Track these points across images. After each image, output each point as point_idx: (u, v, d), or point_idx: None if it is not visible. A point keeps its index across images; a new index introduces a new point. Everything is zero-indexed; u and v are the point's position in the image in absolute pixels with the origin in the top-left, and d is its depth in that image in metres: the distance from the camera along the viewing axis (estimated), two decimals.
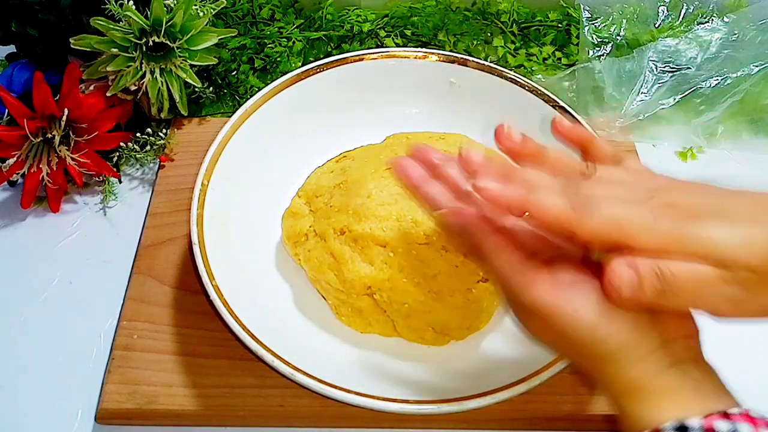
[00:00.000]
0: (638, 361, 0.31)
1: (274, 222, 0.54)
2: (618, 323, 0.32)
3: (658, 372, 0.31)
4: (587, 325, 0.32)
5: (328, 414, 0.46)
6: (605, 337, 0.32)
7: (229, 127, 0.54)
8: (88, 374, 0.49)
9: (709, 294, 0.30)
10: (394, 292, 0.47)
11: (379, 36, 0.70)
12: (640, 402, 0.31)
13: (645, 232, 0.31)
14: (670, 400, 0.31)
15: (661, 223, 0.31)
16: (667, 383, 0.31)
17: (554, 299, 0.33)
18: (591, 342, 0.32)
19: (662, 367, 0.31)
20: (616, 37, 0.68)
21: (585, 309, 0.32)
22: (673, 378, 0.31)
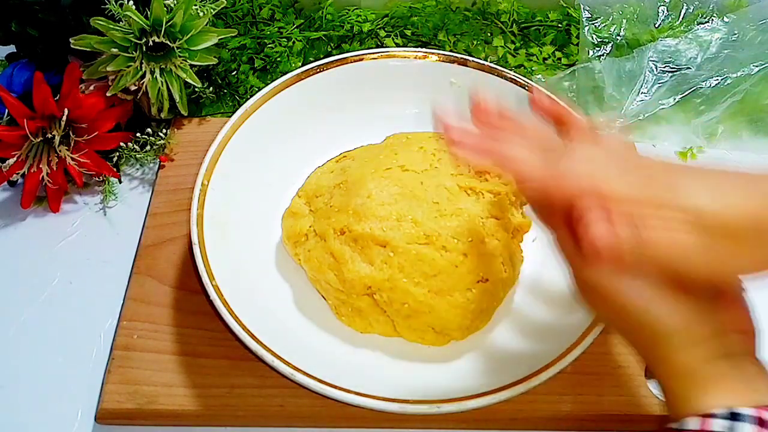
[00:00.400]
0: (692, 345, 0.31)
1: (274, 222, 0.54)
2: (677, 307, 0.32)
3: (711, 359, 0.31)
4: (645, 305, 0.32)
5: (328, 414, 0.46)
6: (662, 317, 0.31)
7: (229, 127, 0.54)
8: (88, 374, 0.49)
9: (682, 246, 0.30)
10: (394, 292, 0.47)
11: (379, 36, 0.70)
12: (691, 386, 0.31)
13: (619, 186, 0.31)
14: (720, 388, 0.31)
15: (636, 181, 0.31)
16: (719, 372, 0.31)
17: (618, 278, 0.32)
18: (648, 322, 0.32)
19: (715, 355, 0.31)
20: (616, 37, 0.68)
21: (647, 289, 0.32)
22: (725, 368, 0.31)
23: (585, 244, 0.31)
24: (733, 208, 0.30)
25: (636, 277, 0.32)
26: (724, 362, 0.31)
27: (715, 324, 0.32)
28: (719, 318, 0.32)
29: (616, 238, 0.30)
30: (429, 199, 0.49)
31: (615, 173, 0.32)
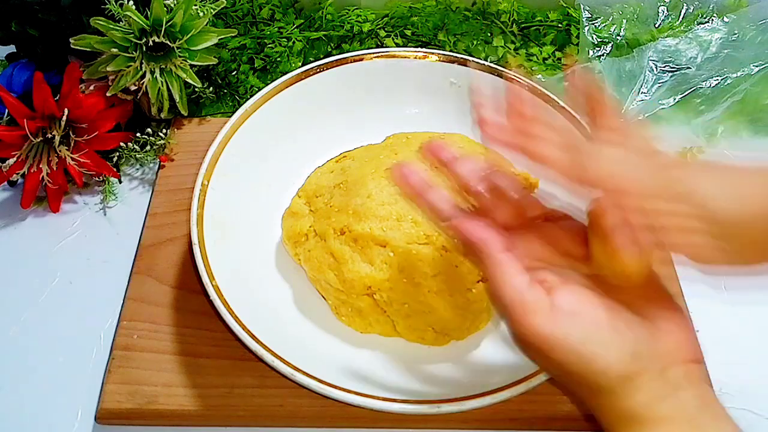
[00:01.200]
0: (636, 391, 0.31)
1: (274, 222, 0.54)
2: (618, 353, 0.31)
3: (655, 402, 0.31)
4: (586, 357, 0.31)
5: (328, 414, 0.46)
6: (605, 369, 0.31)
7: (229, 127, 0.54)
8: (88, 374, 0.49)
9: (697, 245, 0.31)
10: (394, 292, 0.47)
11: (379, 36, 0.70)
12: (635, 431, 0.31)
13: (637, 183, 0.31)
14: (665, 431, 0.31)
15: (655, 177, 0.32)
16: (664, 414, 0.31)
17: (552, 331, 0.32)
18: (589, 373, 0.31)
19: (660, 396, 0.31)
20: (616, 37, 0.68)
21: (584, 341, 0.31)
22: (670, 409, 0.31)
23: (609, 251, 0.32)
24: (749, 205, 0.30)
25: (574, 325, 0.32)
26: (667, 403, 0.31)
27: (660, 360, 0.32)
28: (662, 349, 0.32)
29: (643, 257, 0.31)
30: None
31: (637, 175, 0.32)
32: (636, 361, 0.31)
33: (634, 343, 0.31)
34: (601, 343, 0.31)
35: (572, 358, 0.31)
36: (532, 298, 0.32)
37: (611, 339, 0.31)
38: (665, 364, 0.32)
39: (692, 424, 0.31)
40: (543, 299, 0.32)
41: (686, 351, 0.33)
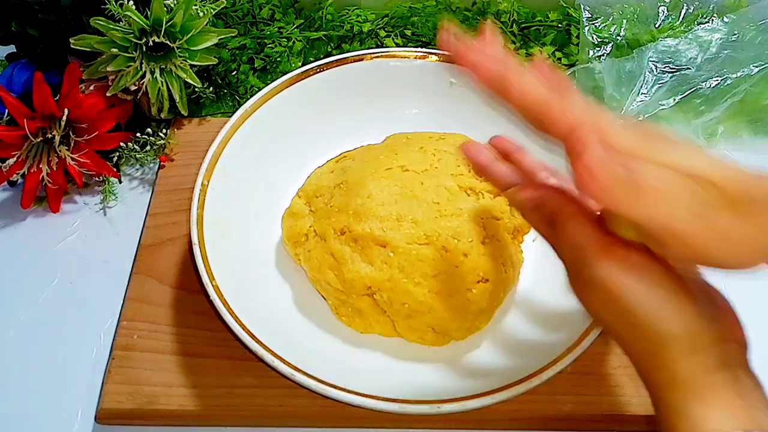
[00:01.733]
0: (693, 353, 0.31)
1: (274, 222, 0.54)
2: (681, 310, 0.31)
3: (711, 369, 0.31)
4: (652, 307, 0.31)
5: (328, 414, 0.46)
6: (668, 319, 0.31)
7: (229, 127, 0.54)
8: (88, 374, 0.49)
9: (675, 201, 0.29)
10: (394, 292, 0.47)
11: (379, 36, 0.70)
12: (688, 397, 0.31)
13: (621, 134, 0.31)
14: (718, 402, 0.30)
15: (639, 135, 0.31)
16: (718, 382, 0.30)
17: (625, 276, 0.31)
18: (652, 323, 0.31)
19: (715, 365, 0.31)
20: (616, 37, 0.68)
21: (653, 291, 0.31)
22: (724, 379, 0.31)
23: (580, 166, 0.30)
24: (733, 177, 0.31)
25: (643, 276, 0.31)
26: (722, 373, 0.31)
27: (715, 332, 0.31)
28: (720, 327, 0.32)
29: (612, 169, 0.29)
30: (429, 200, 0.49)
31: (619, 125, 0.31)
32: (699, 321, 0.31)
33: (697, 307, 0.31)
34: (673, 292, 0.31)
35: (642, 304, 0.31)
36: (608, 243, 0.32)
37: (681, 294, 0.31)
38: (723, 336, 0.32)
39: (747, 401, 0.30)
40: (617, 246, 0.32)
41: (739, 333, 0.33)
